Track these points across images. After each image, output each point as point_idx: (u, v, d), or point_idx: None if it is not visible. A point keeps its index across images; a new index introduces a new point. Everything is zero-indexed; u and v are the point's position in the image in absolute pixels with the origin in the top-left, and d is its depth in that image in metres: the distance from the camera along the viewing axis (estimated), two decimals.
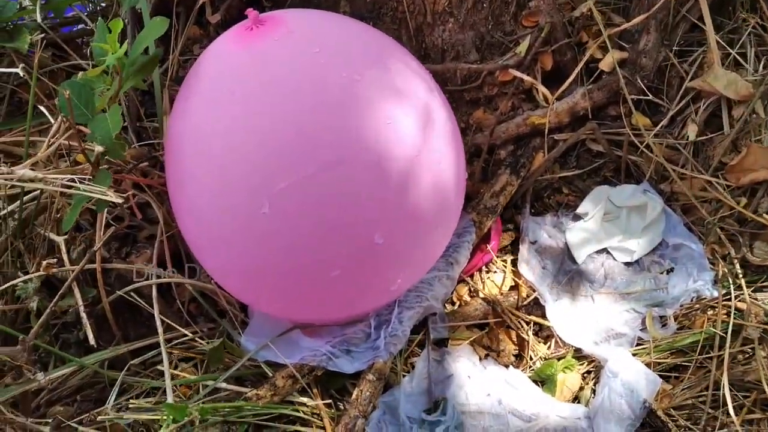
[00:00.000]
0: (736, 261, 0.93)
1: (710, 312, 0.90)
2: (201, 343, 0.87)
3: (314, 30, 0.77)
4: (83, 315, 0.82)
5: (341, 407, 0.84)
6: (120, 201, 0.69)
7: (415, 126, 0.74)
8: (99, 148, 0.71)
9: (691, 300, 0.94)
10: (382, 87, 0.73)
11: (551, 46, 1.14)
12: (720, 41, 1.04)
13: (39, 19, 1.00)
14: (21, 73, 0.90)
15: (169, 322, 0.86)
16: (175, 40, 1.07)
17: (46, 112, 0.84)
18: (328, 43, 0.74)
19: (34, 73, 0.81)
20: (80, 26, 1.15)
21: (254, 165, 0.69)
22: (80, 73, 0.83)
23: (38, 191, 0.84)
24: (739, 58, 1.04)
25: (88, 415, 0.81)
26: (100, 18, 0.98)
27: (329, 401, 0.84)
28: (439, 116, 0.80)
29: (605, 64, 1.12)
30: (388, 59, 0.78)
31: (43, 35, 1.04)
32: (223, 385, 0.82)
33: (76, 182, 0.71)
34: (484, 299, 1.00)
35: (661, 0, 1.04)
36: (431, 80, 0.84)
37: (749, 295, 0.88)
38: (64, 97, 0.72)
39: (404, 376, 0.90)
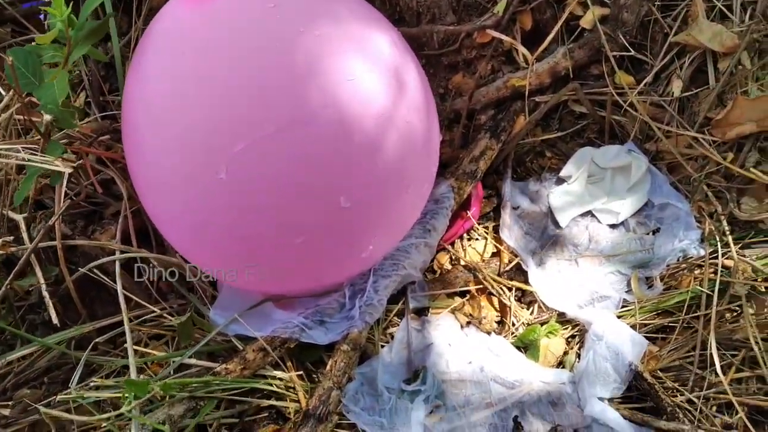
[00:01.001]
0: (723, 218, 0.90)
1: (697, 271, 0.87)
2: (171, 320, 0.84)
3: None
4: (45, 294, 0.79)
5: (316, 379, 0.82)
6: (70, 171, 0.66)
7: (379, 82, 0.70)
8: (47, 117, 0.68)
9: (678, 260, 0.91)
10: (344, 42, 0.70)
11: (530, 4, 1.10)
12: None
13: None
14: None
15: (136, 299, 0.83)
16: (137, 11, 1.03)
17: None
18: (287, 2, 0.71)
19: None
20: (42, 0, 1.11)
21: (208, 128, 0.66)
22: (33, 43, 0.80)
23: None
24: (724, 9, 1.00)
25: (55, 397, 0.79)
26: None
27: (303, 374, 0.81)
28: (407, 72, 0.76)
29: (586, 21, 1.08)
30: (351, 14, 0.74)
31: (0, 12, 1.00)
32: (193, 361, 0.79)
33: (24, 154, 0.67)
34: (465, 267, 0.97)
35: None
36: (398, 37, 0.81)
37: (737, 251, 0.85)
38: (8, 65, 0.68)
39: (383, 346, 0.87)
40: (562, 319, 0.91)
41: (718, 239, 0.88)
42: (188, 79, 0.66)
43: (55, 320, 0.78)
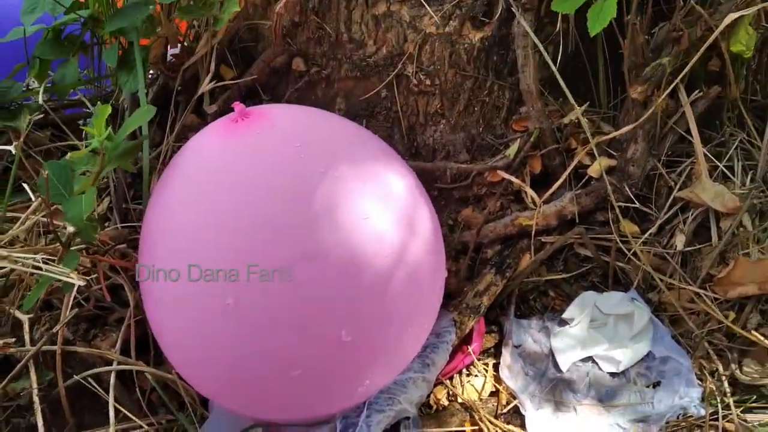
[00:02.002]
0: (724, 378, 0.89)
1: (697, 431, 0.85)
2: None
3: (297, 124, 0.78)
4: (36, 400, 0.79)
5: None
6: (82, 284, 0.68)
7: (393, 224, 0.74)
8: (70, 229, 0.71)
9: (678, 417, 0.89)
10: (362, 183, 0.74)
11: (540, 150, 1.16)
12: (707, 154, 1.05)
13: (41, 101, 1.03)
14: (13, 151, 0.92)
15: (126, 411, 0.82)
16: (171, 127, 1.09)
17: (29, 190, 0.85)
18: (310, 138, 0.76)
19: (17, 153, 0.82)
20: (84, 109, 1.19)
21: (222, 254, 0.68)
22: (68, 155, 0.85)
23: (7, 269, 0.83)
24: (726, 171, 1.04)
25: None
26: (99, 102, 1.01)
27: None
28: (420, 215, 0.79)
29: (593, 171, 1.13)
30: (370, 156, 0.78)
31: (44, 116, 1.07)
32: None
33: (41, 263, 0.70)
34: (462, 405, 0.96)
35: (648, 112, 1.06)
36: (414, 179, 0.85)
37: (738, 415, 0.83)
38: (43, 176, 0.73)
39: None
40: None
41: (719, 400, 0.87)
42: (209, 207, 0.70)
43: (41, 429, 0.77)
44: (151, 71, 1.18)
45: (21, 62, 1.13)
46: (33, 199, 0.81)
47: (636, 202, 1.08)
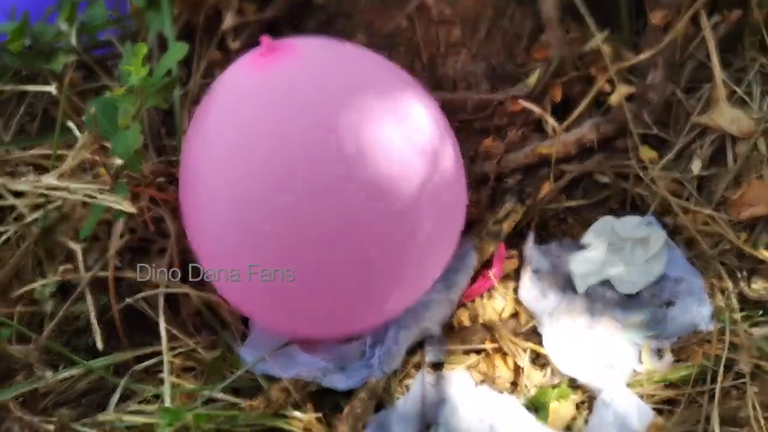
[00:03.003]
0: (733, 295, 0.93)
1: (706, 345, 0.90)
2: (203, 354, 0.90)
3: (324, 57, 0.81)
4: (93, 321, 0.86)
5: (332, 424, 0.87)
6: (134, 211, 0.74)
7: (418, 152, 0.77)
8: (119, 162, 0.76)
9: (689, 333, 0.94)
10: (388, 114, 0.77)
11: (561, 78, 1.17)
12: (726, 80, 1.06)
13: (74, 43, 1.06)
14: (53, 92, 0.97)
15: (174, 331, 0.90)
16: (197, 64, 1.13)
17: (74, 128, 0.89)
18: (336, 70, 0.79)
19: (63, 92, 0.86)
20: (111, 49, 1.22)
21: (258, 182, 0.73)
22: (107, 94, 0.89)
23: (61, 201, 0.89)
24: (744, 96, 1.05)
25: (90, 418, 0.85)
26: (128, 42, 1.04)
27: (320, 416, 0.86)
28: (443, 144, 0.83)
29: (613, 100, 1.14)
30: (396, 88, 0.82)
31: (76, 57, 1.10)
32: (220, 395, 0.85)
33: (95, 193, 0.75)
34: (483, 325, 1.02)
35: (668, 37, 1.06)
36: (437, 110, 0.88)
37: (744, 329, 0.88)
38: (90, 113, 0.77)
39: (398, 398, 0.91)
40: (574, 384, 0.94)
41: (727, 316, 0.92)
42: (242, 139, 0.74)
43: (100, 346, 0.85)
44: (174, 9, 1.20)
45: (50, 5, 1.16)
46: (79, 135, 0.86)
47: (654, 128, 1.10)
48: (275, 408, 0.83)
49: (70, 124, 0.89)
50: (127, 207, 0.73)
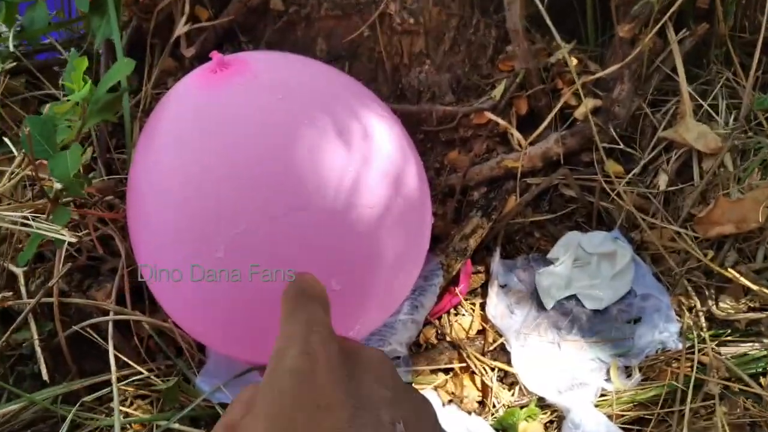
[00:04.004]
0: (701, 314, 0.93)
1: (674, 364, 0.89)
2: (157, 381, 0.85)
3: (279, 75, 0.77)
4: (38, 350, 0.81)
5: None
6: (74, 240, 0.68)
7: (378, 174, 0.74)
8: (57, 186, 0.71)
9: (657, 351, 0.94)
10: (346, 134, 0.73)
11: (526, 91, 1.15)
12: (693, 93, 1.06)
13: (11, 47, 1.00)
14: None
15: (125, 359, 0.85)
16: (148, 73, 1.07)
17: (10, 144, 0.84)
18: (292, 89, 0.74)
19: None
20: (56, 54, 1.16)
21: (210, 209, 0.69)
22: (47, 107, 0.84)
23: None
24: (710, 110, 1.05)
25: None
26: (72, 49, 0.98)
27: None
28: (406, 162, 0.79)
29: (579, 114, 1.13)
30: (354, 105, 0.78)
31: (16, 63, 1.04)
32: (176, 426, 0.80)
33: (30, 220, 0.70)
34: (450, 343, 1.00)
35: (635, 50, 1.05)
36: (399, 125, 0.84)
37: (712, 348, 0.88)
38: (24, 132, 0.72)
39: None
40: (542, 404, 0.93)
41: (695, 335, 0.91)
42: (192, 162, 0.69)
43: (45, 377, 0.79)
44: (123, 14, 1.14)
45: None
46: (15, 152, 0.80)
47: (620, 142, 1.09)
48: None
49: (6, 140, 0.83)
50: (68, 236, 0.67)
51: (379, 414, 0.38)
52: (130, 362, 0.86)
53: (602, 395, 0.92)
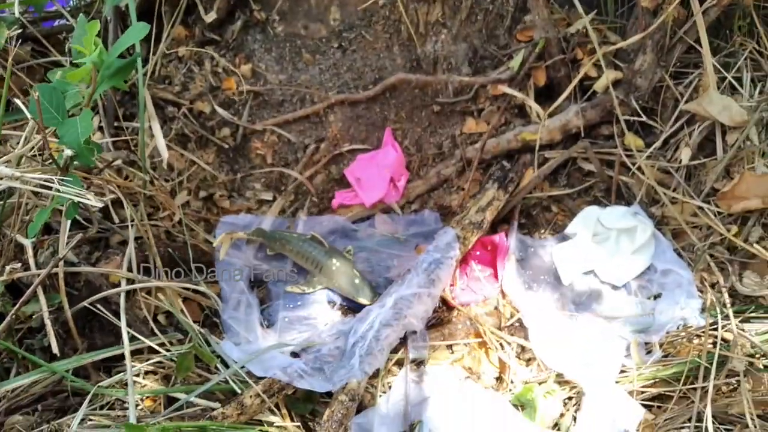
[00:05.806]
0: (724, 290, 0.91)
1: (696, 341, 0.88)
2: (171, 353, 0.84)
3: None
4: (47, 322, 0.79)
5: (312, 429, 0.81)
6: (101, 205, 0.66)
7: None
8: (68, 152, 0.68)
9: (678, 327, 0.92)
10: None
11: (545, 61, 1.12)
12: (716, 65, 1.02)
13: (17, 13, 0.96)
14: None
15: (135, 334, 0.83)
16: (157, 40, 1.04)
17: (24, 108, 0.80)
18: None
19: (8, 69, 0.77)
20: (62, 21, 1.12)
21: None
22: (58, 73, 0.80)
23: (6, 191, 0.81)
24: (734, 82, 1.02)
25: (48, 425, 0.78)
26: (81, 15, 0.95)
27: (298, 424, 0.81)
28: None
29: (599, 86, 1.10)
30: None
31: (21, 30, 1.00)
32: (192, 399, 0.79)
33: (54, 183, 0.67)
34: (467, 318, 0.98)
35: (658, 20, 1.02)
36: None
37: (736, 325, 0.86)
38: (34, 99, 0.69)
39: (381, 396, 0.87)
40: (560, 380, 0.91)
41: (718, 311, 0.89)
42: None
43: (55, 350, 0.77)
44: None
45: None
46: (29, 116, 0.77)
47: (642, 115, 1.06)
48: (250, 414, 0.78)
49: (20, 104, 0.80)
50: (94, 200, 0.65)
51: None
52: (140, 337, 0.84)
53: (622, 371, 0.90)
